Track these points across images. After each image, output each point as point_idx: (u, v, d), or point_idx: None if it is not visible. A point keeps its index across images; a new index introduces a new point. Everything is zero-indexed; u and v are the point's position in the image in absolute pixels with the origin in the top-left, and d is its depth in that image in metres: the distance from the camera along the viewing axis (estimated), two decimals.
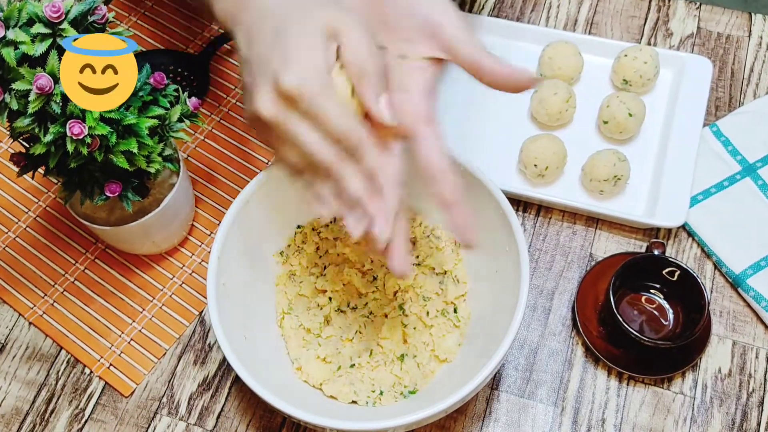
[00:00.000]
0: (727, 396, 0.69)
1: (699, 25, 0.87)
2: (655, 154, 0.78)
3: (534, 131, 0.80)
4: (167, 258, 0.76)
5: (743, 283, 0.72)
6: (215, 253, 0.62)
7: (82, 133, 0.55)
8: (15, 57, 0.54)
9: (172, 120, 0.64)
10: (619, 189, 0.75)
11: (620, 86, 0.81)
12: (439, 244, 0.70)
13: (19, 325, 0.74)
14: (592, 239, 0.76)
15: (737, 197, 0.76)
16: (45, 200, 0.80)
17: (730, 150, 0.78)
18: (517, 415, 0.69)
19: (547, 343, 0.72)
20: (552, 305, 0.73)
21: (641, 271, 0.70)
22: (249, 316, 0.65)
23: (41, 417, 0.70)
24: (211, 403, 0.70)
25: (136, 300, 0.75)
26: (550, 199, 0.75)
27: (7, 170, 0.82)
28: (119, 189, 0.63)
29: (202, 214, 0.79)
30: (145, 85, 0.61)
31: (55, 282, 0.76)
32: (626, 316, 0.70)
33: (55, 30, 0.55)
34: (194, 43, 0.88)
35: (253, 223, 0.66)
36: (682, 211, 0.73)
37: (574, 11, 0.89)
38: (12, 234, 0.78)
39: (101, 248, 0.77)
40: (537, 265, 0.75)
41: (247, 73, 0.54)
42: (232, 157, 0.82)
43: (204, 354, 0.72)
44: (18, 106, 0.55)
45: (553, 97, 0.77)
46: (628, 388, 0.69)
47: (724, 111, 0.82)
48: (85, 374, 0.72)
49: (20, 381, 0.72)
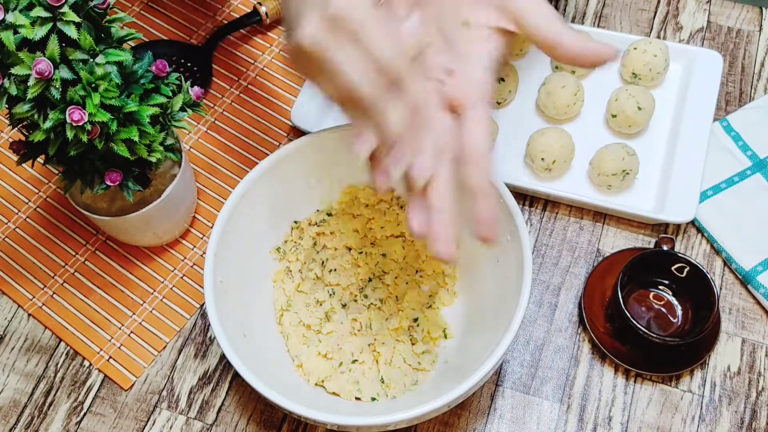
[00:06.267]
0: (736, 394, 0.68)
1: (709, 19, 0.86)
2: (664, 149, 0.77)
3: (541, 124, 0.79)
4: (168, 250, 0.76)
5: (753, 280, 0.71)
6: (211, 250, 0.61)
7: (82, 120, 0.54)
8: (14, 41, 0.53)
9: (174, 109, 0.63)
10: (627, 184, 0.74)
11: (629, 80, 0.80)
12: None
13: (18, 317, 0.73)
14: (599, 234, 0.75)
15: (748, 193, 0.75)
16: (45, 191, 0.79)
17: (741, 145, 0.77)
18: (521, 411, 0.68)
19: (553, 339, 0.71)
20: (558, 301, 0.72)
21: (650, 266, 0.69)
22: (247, 313, 0.64)
23: (39, 410, 0.69)
24: (212, 397, 0.69)
25: (137, 292, 0.74)
26: (557, 193, 0.74)
27: (7, 160, 0.81)
28: (120, 178, 0.62)
29: (204, 206, 0.78)
30: (147, 73, 0.60)
31: (55, 273, 0.75)
32: (634, 312, 0.69)
33: (55, 14, 0.54)
34: (198, 34, 0.88)
35: (249, 220, 0.65)
36: (692, 206, 0.72)
37: (582, 4, 0.88)
38: (12, 225, 0.77)
39: (102, 240, 0.76)
40: (543, 261, 0.74)
41: (291, 5, 0.50)
42: (235, 149, 0.81)
43: (205, 347, 0.71)
44: (17, 91, 0.54)
45: (561, 90, 0.76)
46: (635, 385, 0.68)
47: (735, 106, 0.81)
48: (85, 367, 0.71)
49: (18, 373, 0.71)
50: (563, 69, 0.80)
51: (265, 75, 0.85)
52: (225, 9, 0.90)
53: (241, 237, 0.64)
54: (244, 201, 0.64)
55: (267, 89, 0.84)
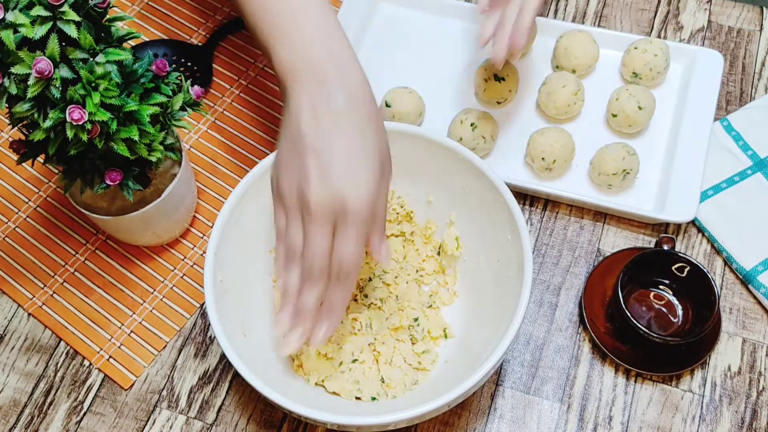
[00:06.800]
0: (737, 394, 0.68)
1: (710, 19, 0.86)
2: (664, 149, 0.77)
3: (542, 124, 0.79)
4: (168, 249, 0.75)
5: (754, 280, 0.71)
6: (212, 250, 0.61)
7: (81, 119, 0.54)
8: (14, 40, 0.53)
9: (174, 108, 0.63)
10: (627, 183, 0.74)
11: (630, 79, 0.80)
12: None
13: (18, 316, 0.73)
14: (599, 234, 0.75)
15: (748, 193, 0.75)
16: (45, 190, 0.79)
17: (741, 145, 0.77)
18: (522, 411, 0.68)
19: (554, 339, 0.70)
20: (559, 301, 0.72)
21: (650, 266, 0.69)
22: (247, 313, 0.64)
23: (39, 409, 0.69)
24: (212, 396, 0.69)
25: (137, 292, 0.74)
26: (558, 193, 0.74)
27: (8, 160, 0.81)
28: (120, 177, 0.62)
29: (205, 205, 0.78)
30: (147, 72, 0.60)
31: (55, 273, 0.75)
32: (634, 312, 0.69)
33: (55, 13, 0.54)
34: (198, 33, 0.88)
35: (250, 219, 0.65)
36: (692, 206, 0.72)
37: (583, 4, 0.88)
38: (12, 224, 0.77)
39: (102, 239, 0.76)
40: (544, 260, 0.74)
41: (298, 143, 0.55)
42: (235, 148, 0.81)
43: (205, 347, 0.71)
44: (17, 90, 0.54)
45: (561, 90, 0.76)
46: (635, 385, 0.68)
47: (735, 105, 0.81)
48: (85, 366, 0.71)
49: (18, 372, 0.71)
50: (564, 68, 0.80)
51: (266, 75, 0.85)
52: (225, 9, 0.90)
53: (242, 237, 0.64)
54: (244, 200, 0.64)
55: (267, 89, 0.84)
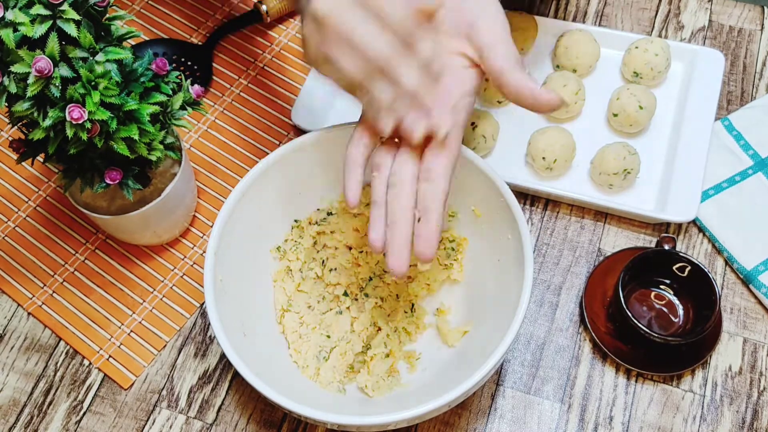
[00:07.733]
0: (738, 394, 0.67)
1: (711, 18, 0.86)
2: (665, 148, 0.77)
3: (542, 123, 0.79)
4: (168, 249, 0.75)
5: (755, 280, 0.70)
6: (212, 249, 0.61)
7: (81, 118, 0.54)
8: (14, 39, 0.53)
9: (174, 107, 0.63)
10: (628, 183, 0.74)
11: (631, 79, 0.79)
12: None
13: (17, 316, 0.73)
14: (600, 234, 0.75)
15: (749, 192, 0.75)
16: (45, 190, 0.79)
17: (742, 144, 0.77)
18: (522, 411, 0.67)
19: (554, 338, 0.70)
20: (559, 300, 0.72)
21: (651, 266, 0.69)
22: (247, 312, 0.64)
23: (39, 409, 0.69)
24: (212, 396, 0.69)
25: (137, 291, 0.74)
26: (558, 192, 0.74)
27: (7, 159, 0.81)
28: (120, 176, 0.62)
29: (205, 205, 0.78)
30: (147, 71, 0.60)
31: (55, 272, 0.75)
32: (635, 312, 0.69)
33: (55, 11, 0.54)
34: (198, 33, 0.87)
35: (250, 219, 0.65)
36: (693, 205, 0.72)
37: (584, 3, 0.88)
38: (11, 223, 0.77)
39: (101, 239, 0.76)
40: (544, 260, 0.74)
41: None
42: (235, 148, 0.81)
43: (205, 346, 0.71)
44: (17, 89, 0.54)
45: (562, 89, 0.76)
46: (636, 385, 0.68)
47: (736, 105, 0.81)
48: (84, 366, 0.71)
49: (18, 372, 0.71)
50: (564, 68, 0.80)
51: (266, 74, 0.85)
52: (226, 8, 0.89)
53: (242, 236, 0.64)
54: (244, 200, 0.64)
55: (267, 88, 0.84)
